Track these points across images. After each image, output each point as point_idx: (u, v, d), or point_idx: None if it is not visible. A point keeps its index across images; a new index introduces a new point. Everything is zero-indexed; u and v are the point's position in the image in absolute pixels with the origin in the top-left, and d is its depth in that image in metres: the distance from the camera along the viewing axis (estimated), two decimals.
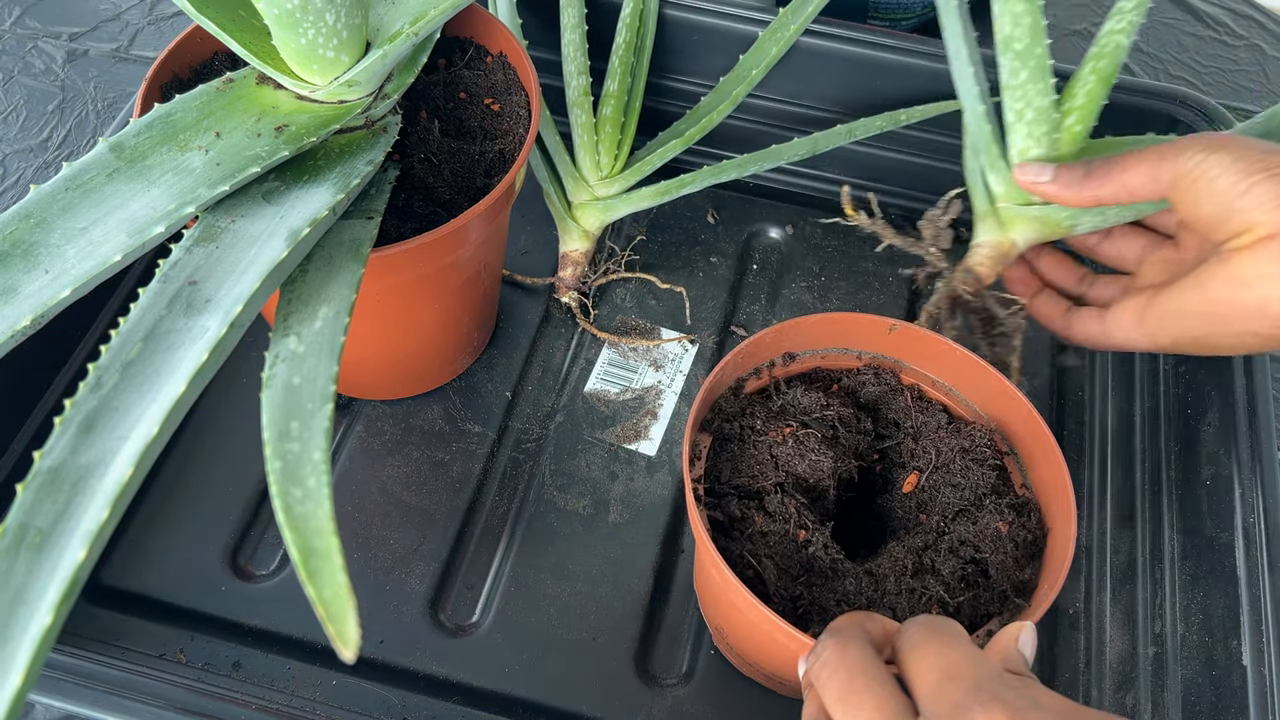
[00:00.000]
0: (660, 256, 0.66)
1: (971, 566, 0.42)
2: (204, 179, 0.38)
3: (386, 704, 0.48)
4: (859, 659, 0.31)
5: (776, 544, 0.41)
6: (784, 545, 0.41)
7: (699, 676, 0.50)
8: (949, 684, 0.29)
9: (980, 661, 0.30)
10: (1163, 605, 0.50)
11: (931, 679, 0.30)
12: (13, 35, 0.76)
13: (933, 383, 0.48)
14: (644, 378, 0.61)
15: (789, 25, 0.62)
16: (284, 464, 0.32)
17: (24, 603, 0.28)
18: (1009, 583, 0.41)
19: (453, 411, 0.58)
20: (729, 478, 0.44)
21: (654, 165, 0.63)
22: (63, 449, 0.32)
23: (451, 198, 0.47)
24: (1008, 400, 0.45)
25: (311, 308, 0.37)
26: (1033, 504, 0.44)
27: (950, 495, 0.44)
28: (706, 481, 0.43)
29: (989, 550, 0.41)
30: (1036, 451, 0.44)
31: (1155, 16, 0.82)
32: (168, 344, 0.34)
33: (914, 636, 0.32)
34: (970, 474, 0.44)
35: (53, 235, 0.36)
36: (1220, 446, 0.51)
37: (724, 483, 0.43)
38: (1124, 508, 0.55)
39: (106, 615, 0.50)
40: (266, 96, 0.42)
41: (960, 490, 0.44)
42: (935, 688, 0.30)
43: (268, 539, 0.53)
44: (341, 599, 0.29)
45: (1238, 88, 0.77)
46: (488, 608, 0.52)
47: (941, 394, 0.47)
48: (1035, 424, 0.44)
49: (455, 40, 0.54)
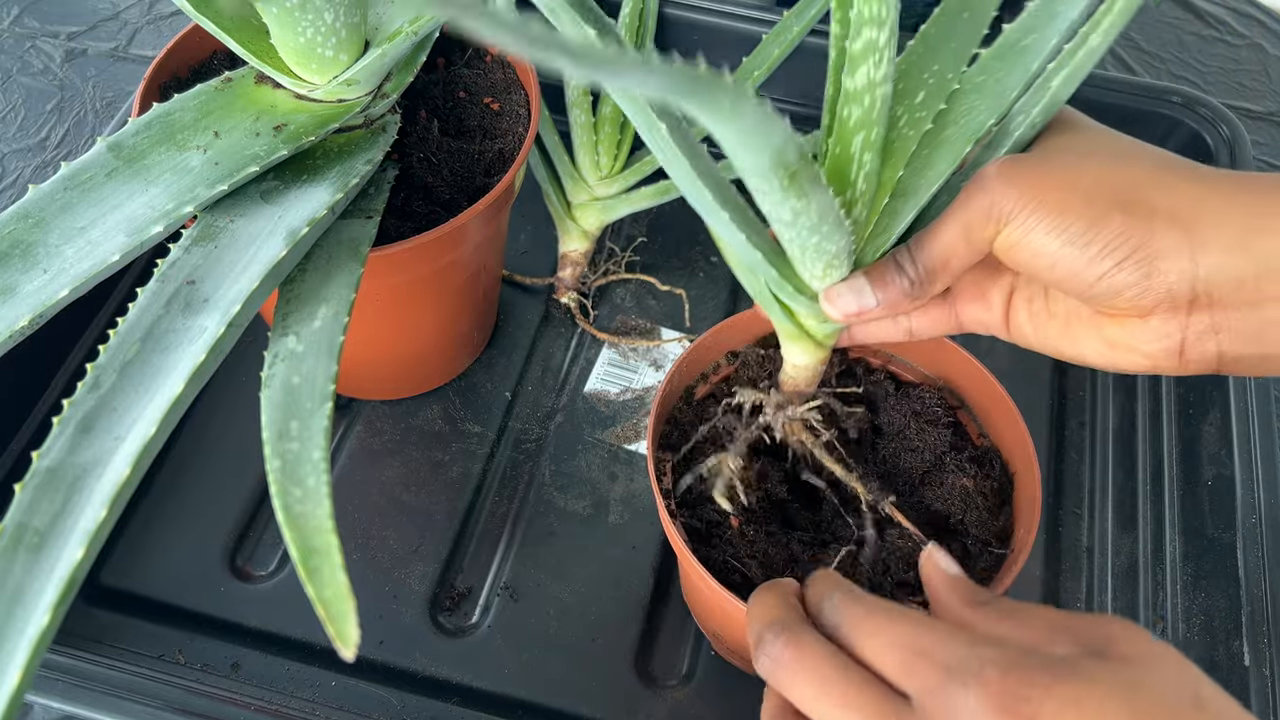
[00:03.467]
0: (660, 256, 0.66)
1: (945, 525, 0.42)
2: (202, 178, 0.38)
3: (386, 705, 0.48)
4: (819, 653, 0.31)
5: (757, 543, 0.41)
6: (764, 543, 0.41)
7: (699, 678, 0.50)
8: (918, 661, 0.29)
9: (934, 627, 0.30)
10: (1164, 606, 0.50)
11: (895, 657, 0.30)
12: (11, 34, 0.76)
13: (874, 352, 0.48)
14: (644, 378, 0.60)
15: (792, 28, 0.62)
16: (283, 463, 0.32)
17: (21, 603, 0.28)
18: (988, 533, 0.42)
19: (452, 412, 0.58)
20: (698, 486, 0.43)
21: (654, 165, 0.62)
22: (61, 449, 0.31)
23: (451, 197, 0.47)
24: (948, 355, 0.45)
25: (310, 307, 0.37)
26: (992, 452, 0.44)
27: (911, 460, 0.44)
28: (678, 493, 0.43)
29: (960, 508, 0.42)
30: (985, 400, 0.45)
31: (1157, 16, 0.82)
32: (166, 344, 0.34)
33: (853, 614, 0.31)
34: (926, 435, 0.44)
35: (51, 235, 0.35)
36: (1222, 447, 0.51)
37: (695, 492, 0.43)
38: (1125, 508, 0.55)
39: (105, 615, 0.50)
40: (265, 96, 0.42)
41: (919, 454, 0.44)
42: (905, 667, 0.29)
43: (266, 539, 0.53)
44: (341, 598, 0.29)
45: (1239, 86, 0.77)
46: (487, 609, 0.52)
47: (883, 361, 0.47)
48: (978, 373, 0.44)
49: (454, 39, 0.54)
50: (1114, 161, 0.32)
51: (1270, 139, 0.73)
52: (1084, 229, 0.31)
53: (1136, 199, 0.30)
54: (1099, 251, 0.31)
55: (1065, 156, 0.33)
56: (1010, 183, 0.32)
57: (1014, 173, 0.32)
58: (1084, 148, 0.33)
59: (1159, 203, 0.30)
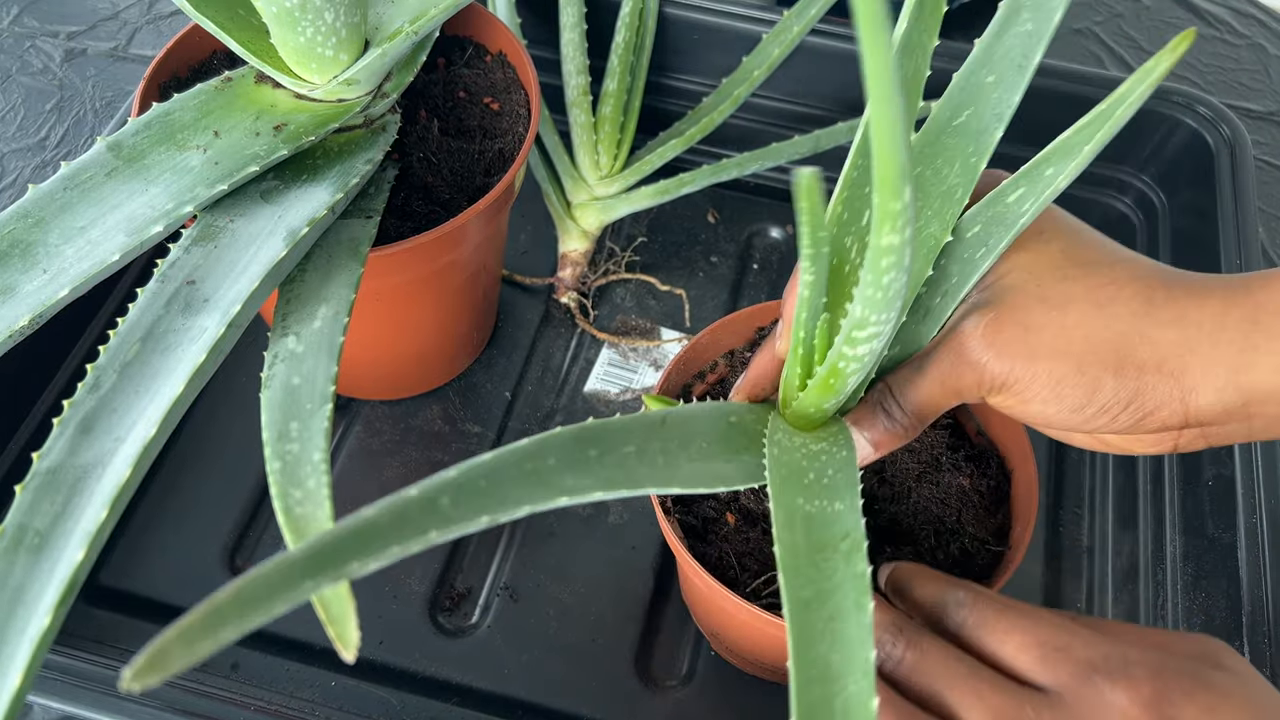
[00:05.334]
0: (660, 256, 0.66)
1: (943, 525, 0.42)
2: (202, 178, 0.38)
3: (386, 705, 0.48)
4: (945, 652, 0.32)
5: (754, 540, 0.41)
6: (760, 539, 0.41)
7: (699, 678, 0.50)
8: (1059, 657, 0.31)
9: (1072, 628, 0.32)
10: (1165, 606, 0.50)
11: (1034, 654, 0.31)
12: (10, 34, 0.76)
13: None
14: (644, 378, 0.60)
15: (792, 27, 0.62)
16: (284, 465, 0.32)
17: (22, 603, 0.28)
18: (985, 531, 0.42)
19: (452, 412, 0.58)
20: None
21: (654, 165, 0.62)
22: (61, 450, 0.31)
23: (451, 197, 0.47)
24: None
25: (310, 307, 0.37)
26: (990, 450, 0.44)
27: (908, 460, 0.44)
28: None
29: (957, 507, 0.42)
30: None
31: (1157, 16, 0.82)
32: (166, 344, 0.34)
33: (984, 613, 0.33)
34: (923, 436, 0.44)
35: (51, 235, 0.35)
36: (1222, 447, 0.50)
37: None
38: (1126, 509, 0.55)
39: (105, 616, 0.50)
40: (265, 95, 0.42)
41: (916, 453, 0.44)
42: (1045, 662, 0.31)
43: (266, 540, 0.53)
44: (342, 600, 0.29)
45: (1239, 86, 0.77)
46: (487, 609, 0.52)
47: None
48: None
49: (454, 39, 0.54)
50: (1095, 314, 0.32)
51: (1270, 139, 0.73)
52: (1080, 398, 0.32)
53: (1125, 360, 0.31)
54: (1095, 412, 0.32)
55: (1044, 312, 0.32)
56: (999, 356, 0.32)
57: (998, 341, 0.32)
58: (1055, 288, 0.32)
59: (1147, 358, 0.31)
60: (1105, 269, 0.32)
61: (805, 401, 0.34)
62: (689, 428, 0.33)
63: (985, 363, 0.32)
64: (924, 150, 0.35)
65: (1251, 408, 0.30)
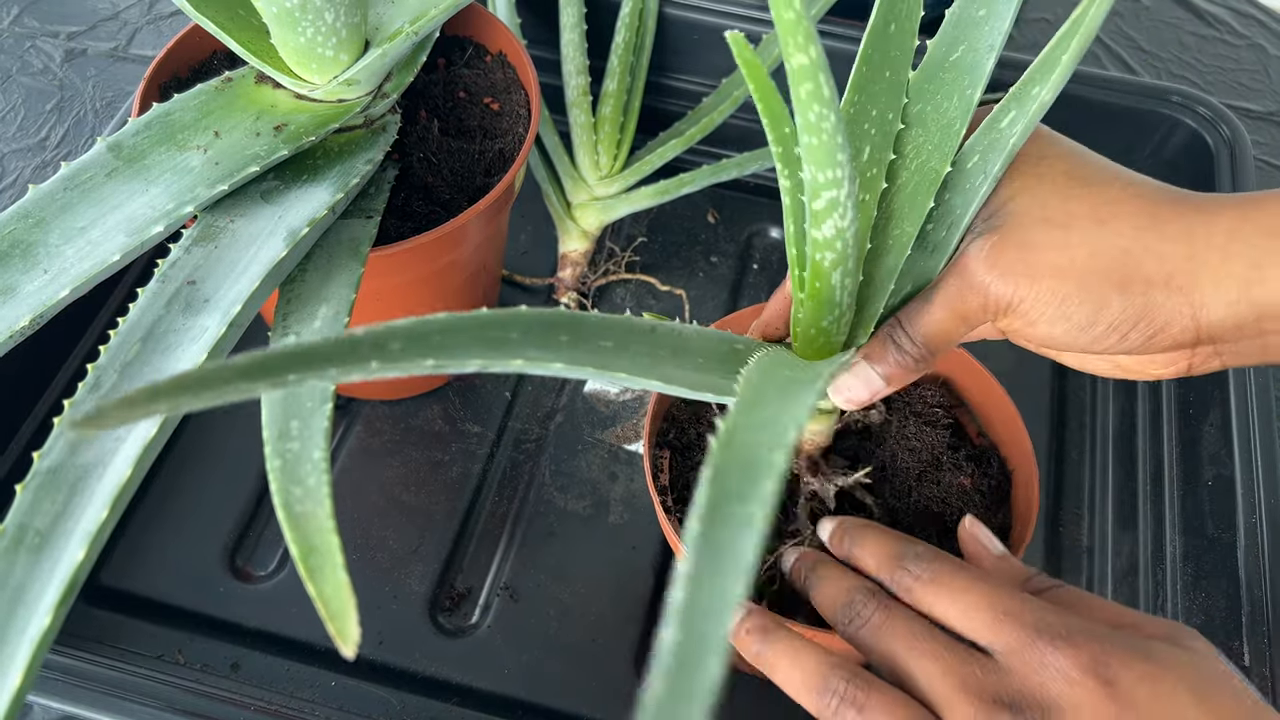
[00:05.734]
0: (660, 256, 0.66)
1: (944, 524, 0.42)
2: (203, 178, 0.38)
3: (386, 705, 0.48)
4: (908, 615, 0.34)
5: None
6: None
7: None
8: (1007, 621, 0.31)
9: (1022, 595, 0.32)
10: (1164, 606, 0.50)
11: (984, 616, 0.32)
12: (10, 34, 0.76)
13: None
14: None
15: None
16: (284, 463, 0.32)
17: (23, 603, 0.28)
18: None
19: (452, 412, 0.58)
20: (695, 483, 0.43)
21: (654, 165, 0.62)
22: (61, 450, 0.31)
23: (451, 197, 0.47)
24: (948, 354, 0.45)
25: (310, 307, 0.37)
26: (991, 450, 0.44)
27: (908, 460, 0.44)
28: (674, 490, 0.43)
29: (958, 506, 0.42)
30: (984, 399, 0.45)
31: (1157, 16, 0.82)
32: (166, 344, 0.34)
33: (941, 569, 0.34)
34: (925, 436, 0.44)
35: (51, 235, 0.35)
36: (1222, 447, 0.50)
37: (691, 489, 0.43)
38: (1125, 508, 0.55)
39: (105, 616, 0.50)
40: (265, 95, 0.42)
41: (917, 453, 0.44)
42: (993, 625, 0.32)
43: (266, 540, 0.53)
44: (342, 597, 0.29)
45: (1239, 86, 0.77)
46: (487, 609, 0.52)
47: None
48: (978, 373, 0.45)
49: (454, 39, 0.54)
50: (1098, 231, 0.31)
51: (1270, 139, 0.73)
52: (1086, 316, 0.31)
53: (1130, 275, 0.30)
54: (1104, 331, 0.31)
55: (1046, 231, 0.32)
56: (1002, 276, 0.32)
57: (1001, 262, 0.32)
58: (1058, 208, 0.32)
59: (1153, 273, 0.30)
60: (1108, 186, 0.32)
61: (805, 321, 0.33)
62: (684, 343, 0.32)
63: (989, 284, 0.32)
64: (923, 86, 0.35)
65: (1265, 323, 0.30)
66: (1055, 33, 0.32)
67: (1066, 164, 0.33)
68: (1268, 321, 0.30)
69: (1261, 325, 0.30)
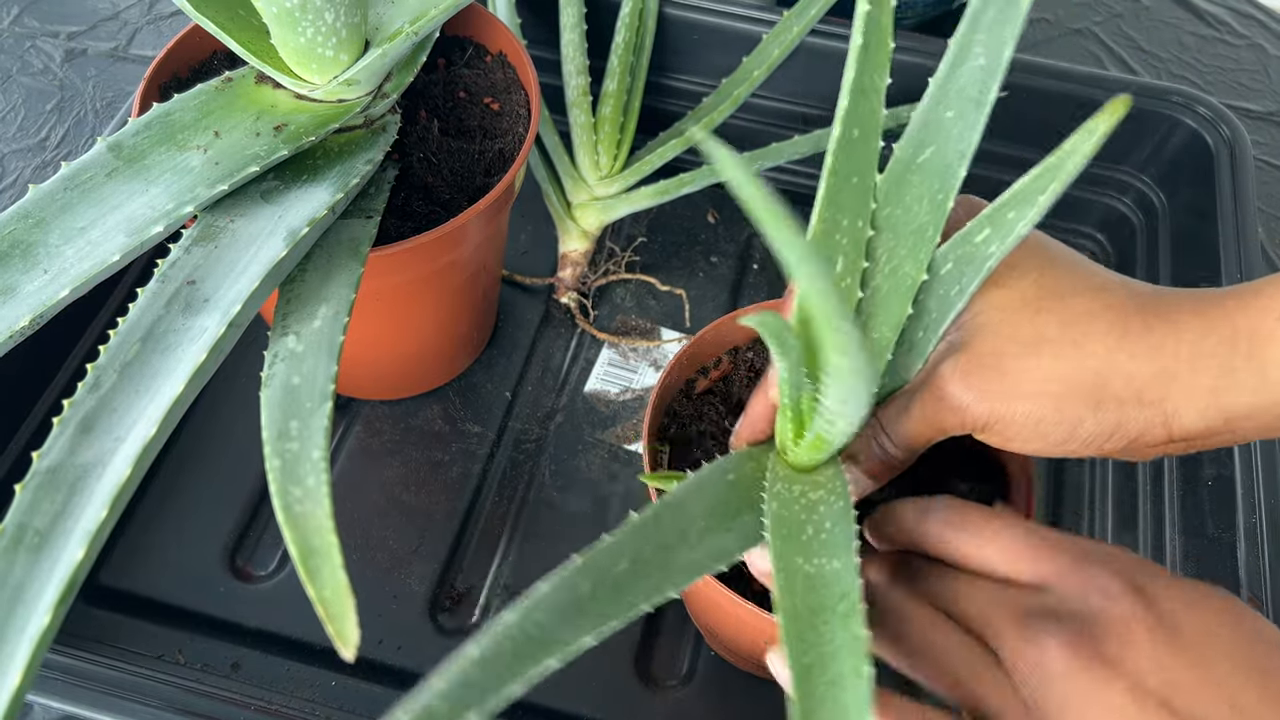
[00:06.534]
0: (660, 256, 0.66)
1: None
2: (203, 178, 0.38)
3: (386, 705, 0.47)
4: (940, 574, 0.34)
5: None
6: None
7: (699, 678, 0.50)
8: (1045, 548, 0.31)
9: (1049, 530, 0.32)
10: None
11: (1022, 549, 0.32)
12: (11, 34, 0.76)
13: None
14: (644, 378, 0.60)
15: (792, 27, 0.62)
16: (283, 463, 0.32)
17: (22, 603, 0.28)
18: None
19: (452, 412, 0.58)
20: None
21: (654, 165, 0.62)
22: (61, 449, 0.31)
23: (451, 197, 0.47)
24: None
25: (310, 307, 0.37)
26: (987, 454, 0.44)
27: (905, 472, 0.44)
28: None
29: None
30: None
31: (1157, 16, 0.82)
32: (166, 344, 0.34)
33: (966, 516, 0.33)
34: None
35: (51, 235, 0.35)
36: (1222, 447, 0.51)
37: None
38: (1125, 509, 0.55)
39: (105, 616, 0.50)
40: (265, 95, 0.42)
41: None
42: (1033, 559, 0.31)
43: (266, 540, 0.53)
44: (341, 598, 0.29)
45: (1239, 86, 0.77)
46: (487, 609, 0.52)
47: None
48: None
49: (454, 39, 0.54)
50: (1071, 353, 0.32)
51: (1270, 139, 0.73)
52: (1062, 434, 0.32)
53: (1103, 395, 0.31)
54: (1080, 445, 0.33)
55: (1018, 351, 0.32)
56: (978, 398, 0.33)
57: (976, 384, 0.33)
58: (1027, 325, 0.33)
59: (1124, 391, 0.31)
60: (1078, 299, 0.33)
61: (799, 456, 0.35)
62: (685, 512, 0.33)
63: (967, 405, 0.33)
64: (891, 190, 0.35)
65: (1234, 424, 0.31)
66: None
67: (1037, 274, 0.33)
68: (1237, 422, 0.31)
69: (1232, 425, 0.31)
